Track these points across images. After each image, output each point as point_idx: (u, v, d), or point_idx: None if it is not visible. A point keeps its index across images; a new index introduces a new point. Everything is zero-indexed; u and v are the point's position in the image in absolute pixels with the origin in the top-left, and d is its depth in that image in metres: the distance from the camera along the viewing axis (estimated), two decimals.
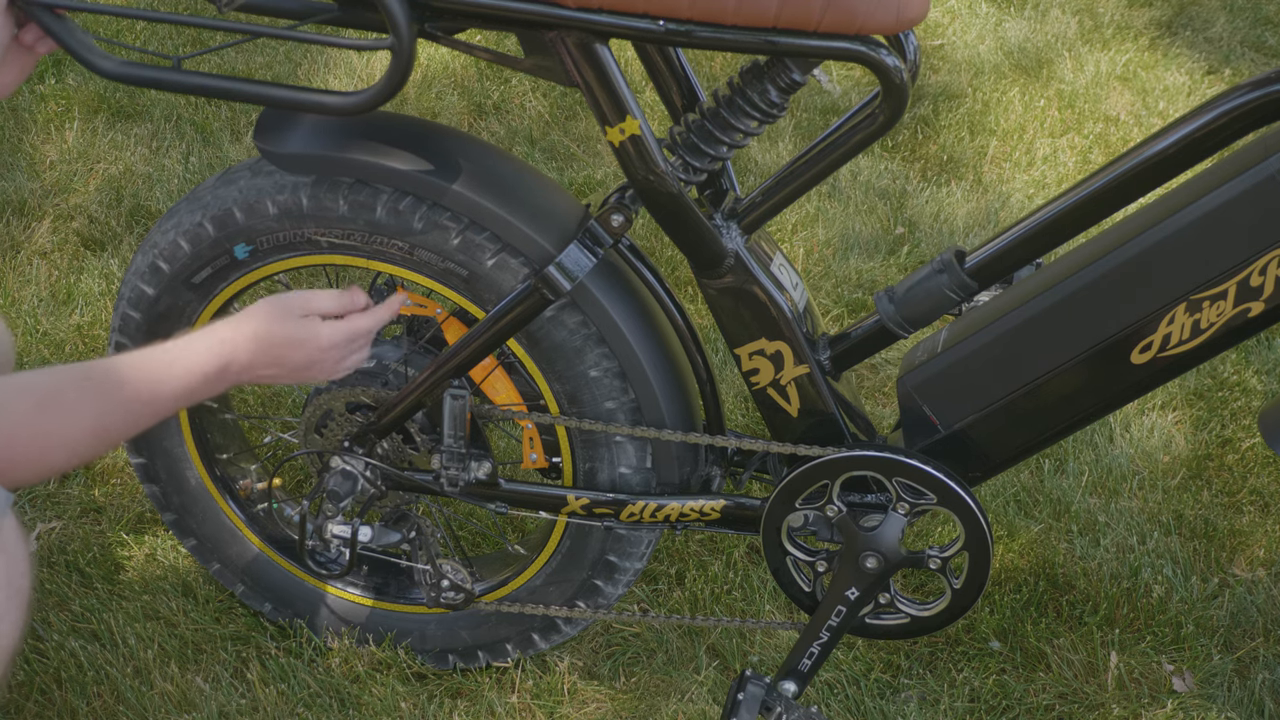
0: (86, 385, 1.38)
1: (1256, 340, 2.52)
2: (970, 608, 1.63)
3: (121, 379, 1.41)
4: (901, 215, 2.87)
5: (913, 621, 1.66)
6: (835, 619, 1.64)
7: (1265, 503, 2.21)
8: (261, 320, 1.49)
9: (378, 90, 1.36)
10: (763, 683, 1.64)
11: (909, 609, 1.66)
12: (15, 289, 2.51)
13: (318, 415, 1.72)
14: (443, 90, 3.20)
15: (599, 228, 1.52)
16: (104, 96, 3.06)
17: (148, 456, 1.85)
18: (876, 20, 1.30)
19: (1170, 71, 3.46)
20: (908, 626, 1.67)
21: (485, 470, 1.68)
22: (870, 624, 1.68)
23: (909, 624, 1.67)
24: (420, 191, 1.54)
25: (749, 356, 1.58)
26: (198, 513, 1.90)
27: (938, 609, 1.64)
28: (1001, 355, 1.51)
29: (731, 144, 1.45)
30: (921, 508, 1.58)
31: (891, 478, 1.56)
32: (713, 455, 1.73)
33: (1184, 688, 1.93)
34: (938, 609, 1.64)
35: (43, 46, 1.45)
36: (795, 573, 1.67)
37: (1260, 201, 1.35)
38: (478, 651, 1.90)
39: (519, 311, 1.55)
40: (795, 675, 1.67)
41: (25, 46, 1.44)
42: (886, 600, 1.65)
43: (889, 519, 1.59)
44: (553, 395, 1.65)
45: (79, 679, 1.86)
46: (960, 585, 1.62)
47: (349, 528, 1.71)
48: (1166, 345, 1.44)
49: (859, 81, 3.36)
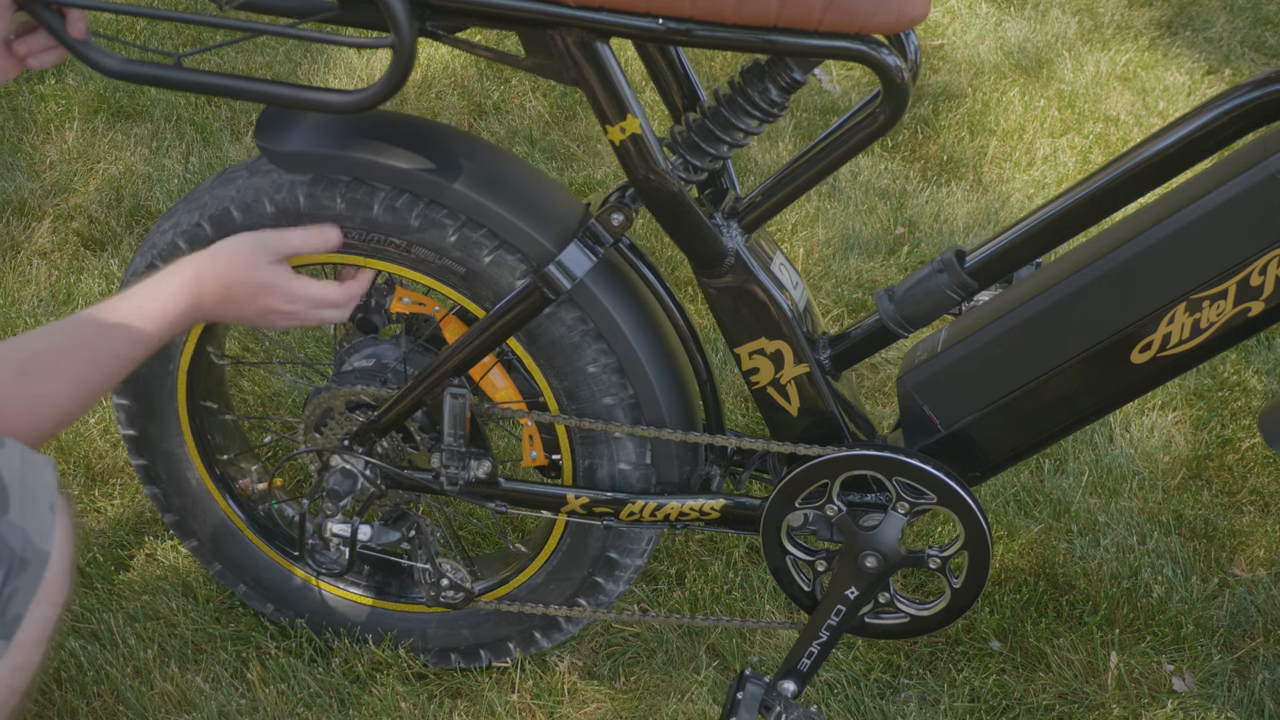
0: (64, 345, 1.39)
1: (1256, 340, 2.52)
2: (969, 607, 1.63)
3: (97, 332, 1.42)
4: (901, 215, 2.87)
5: (912, 621, 1.66)
6: (835, 618, 1.64)
7: (1265, 503, 2.21)
8: (235, 263, 1.49)
9: (379, 88, 1.36)
10: (762, 682, 1.64)
11: (908, 608, 1.65)
12: (15, 289, 2.51)
13: (317, 414, 1.72)
14: (443, 90, 3.20)
15: (599, 227, 1.52)
16: (104, 96, 3.06)
17: (149, 458, 1.85)
18: (877, 20, 1.30)
19: (1170, 71, 3.46)
20: (907, 626, 1.67)
21: (485, 469, 1.68)
22: (870, 623, 1.68)
23: (908, 624, 1.67)
24: (420, 190, 1.54)
25: (749, 356, 1.58)
26: (199, 514, 1.90)
27: (937, 609, 1.64)
28: (1001, 355, 1.51)
29: (732, 143, 1.45)
30: (921, 507, 1.58)
31: (891, 477, 1.56)
32: (712, 455, 1.73)
33: (1184, 688, 1.93)
34: (937, 609, 1.64)
35: (36, 61, 1.45)
36: (795, 572, 1.67)
37: (1260, 201, 1.35)
38: (479, 650, 1.89)
39: (519, 310, 1.55)
40: (795, 675, 1.67)
41: (16, 56, 1.44)
42: (886, 600, 1.65)
43: (888, 518, 1.59)
44: (552, 393, 1.65)
45: (79, 679, 1.86)
46: (960, 585, 1.62)
47: (349, 526, 1.71)
48: (1166, 345, 1.44)
49: (859, 81, 3.36)
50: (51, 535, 1.25)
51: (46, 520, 1.25)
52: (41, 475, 1.26)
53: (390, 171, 1.53)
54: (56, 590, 1.27)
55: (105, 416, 2.25)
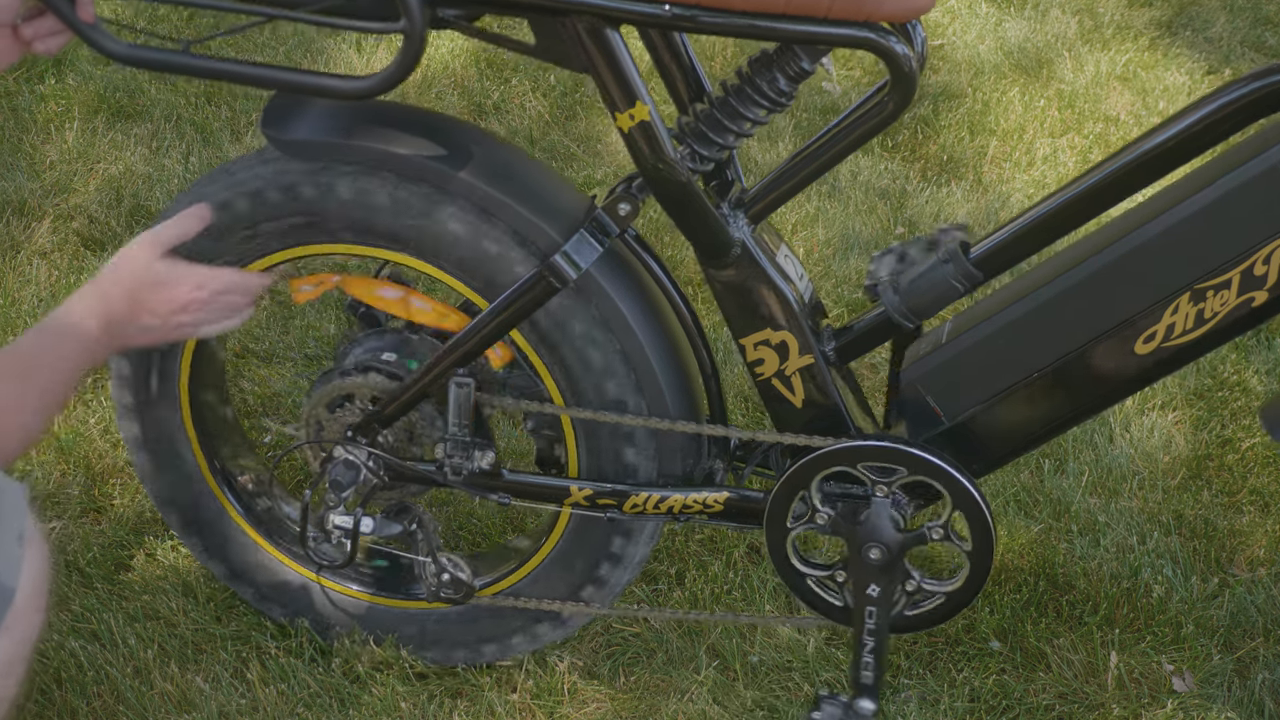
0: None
1: (1256, 339, 2.52)
2: (991, 566, 1.61)
3: (30, 364, 1.40)
4: (901, 215, 2.87)
5: (948, 599, 1.64)
6: (871, 621, 1.63)
7: (1265, 503, 2.21)
8: (131, 266, 1.48)
9: (388, 75, 1.36)
10: (838, 702, 1.63)
11: (938, 588, 1.64)
12: (15, 289, 2.51)
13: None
14: (443, 90, 3.20)
15: (605, 217, 1.52)
16: (104, 96, 3.05)
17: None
18: (886, 8, 1.31)
19: (1170, 71, 3.47)
20: (945, 606, 1.64)
21: (488, 460, 1.68)
22: (911, 616, 1.66)
23: (945, 603, 1.64)
24: (427, 179, 1.54)
25: (754, 347, 1.58)
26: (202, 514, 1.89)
27: (964, 578, 1.62)
28: (1006, 346, 1.51)
29: (739, 133, 1.45)
30: (901, 481, 1.58)
31: (865, 464, 1.56)
32: (716, 448, 1.72)
33: (1184, 688, 1.93)
34: (964, 578, 1.62)
35: (41, 46, 1.44)
36: (821, 591, 1.67)
37: (1264, 191, 1.36)
38: (483, 647, 1.88)
39: (525, 300, 1.55)
40: (865, 691, 1.65)
41: (22, 40, 1.44)
42: (915, 587, 1.64)
43: (874, 505, 1.58)
44: (556, 385, 1.64)
45: (79, 679, 1.85)
46: (971, 546, 1.60)
47: (351, 519, 1.71)
48: (1170, 335, 1.44)
49: (859, 81, 3.36)
50: (17, 569, 1.22)
51: (13, 553, 1.22)
52: (5, 503, 1.23)
53: (399, 160, 1.53)
54: (24, 624, 1.24)
55: (106, 416, 2.24)
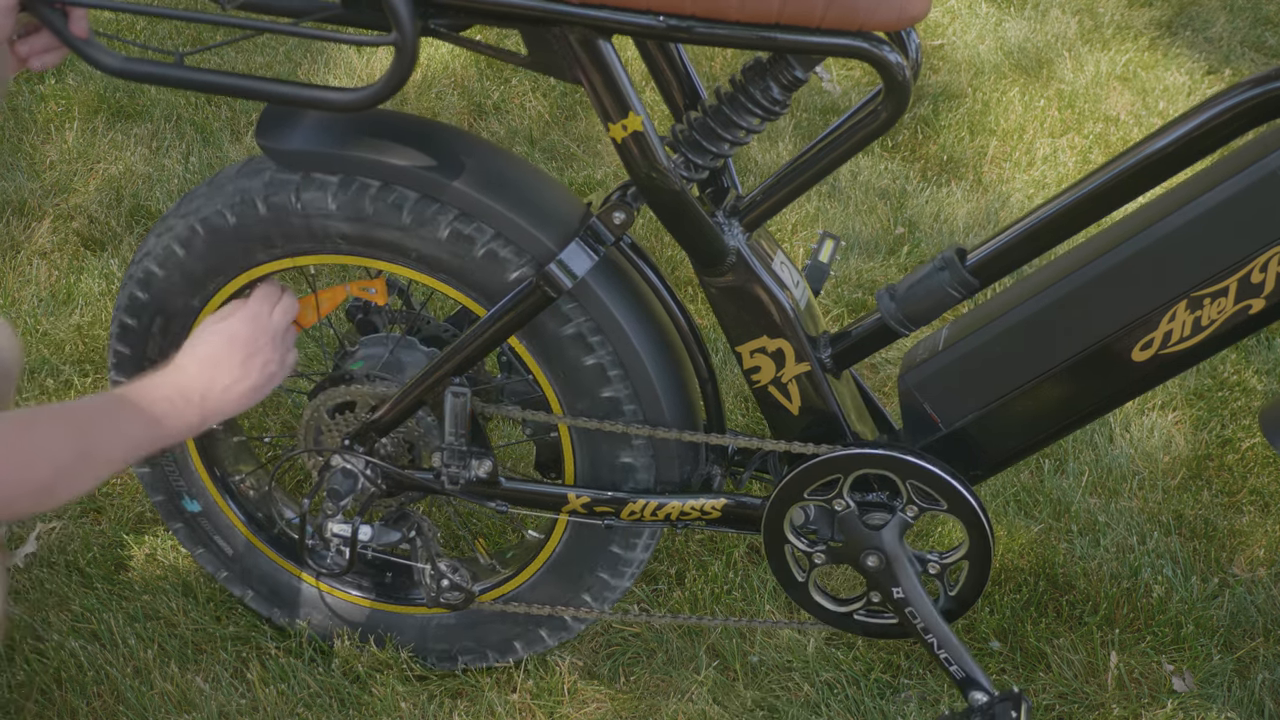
0: (77, 406, 1.41)
1: (1256, 340, 2.52)
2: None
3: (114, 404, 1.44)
4: (901, 215, 2.87)
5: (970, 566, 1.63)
6: (917, 621, 1.63)
7: (1265, 503, 2.21)
8: (199, 339, 1.54)
9: (381, 86, 1.36)
10: (961, 715, 1.63)
11: (940, 560, 1.63)
12: (15, 289, 2.51)
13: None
14: (443, 91, 3.20)
15: (600, 225, 1.52)
16: (104, 96, 3.06)
17: (150, 462, 1.85)
18: (879, 17, 1.30)
19: (1170, 71, 3.46)
20: (977, 579, 1.63)
21: (486, 468, 1.68)
22: (955, 595, 1.65)
23: (975, 577, 1.64)
24: (422, 188, 1.54)
25: (750, 354, 1.58)
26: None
27: (964, 550, 1.62)
28: (1003, 353, 1.51)
29: (734, 141, 1.45)
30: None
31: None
32: (713, 454, 1.72)
33: (1184, 688, 1.93)
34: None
35: (37, 62, 1.44)
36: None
37: (1261, 198, 1.36)
38: (486, 650, 1.89)
39: (520, 309, 1.55)
40: (969, 684, 1.63)
41: (18, 57, 1.44)
42: (938, 569, 1.63)
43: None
44: (553, 392, 1.65)
45: (79, 679, 1.86)
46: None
47: (349, 526, 1.71)
48: (1168, 342, 1.44)
49: (859, 81, 3.36)
50: None
51: None
52: None
53: (393, 170, 1.53)
54: None
55: None
